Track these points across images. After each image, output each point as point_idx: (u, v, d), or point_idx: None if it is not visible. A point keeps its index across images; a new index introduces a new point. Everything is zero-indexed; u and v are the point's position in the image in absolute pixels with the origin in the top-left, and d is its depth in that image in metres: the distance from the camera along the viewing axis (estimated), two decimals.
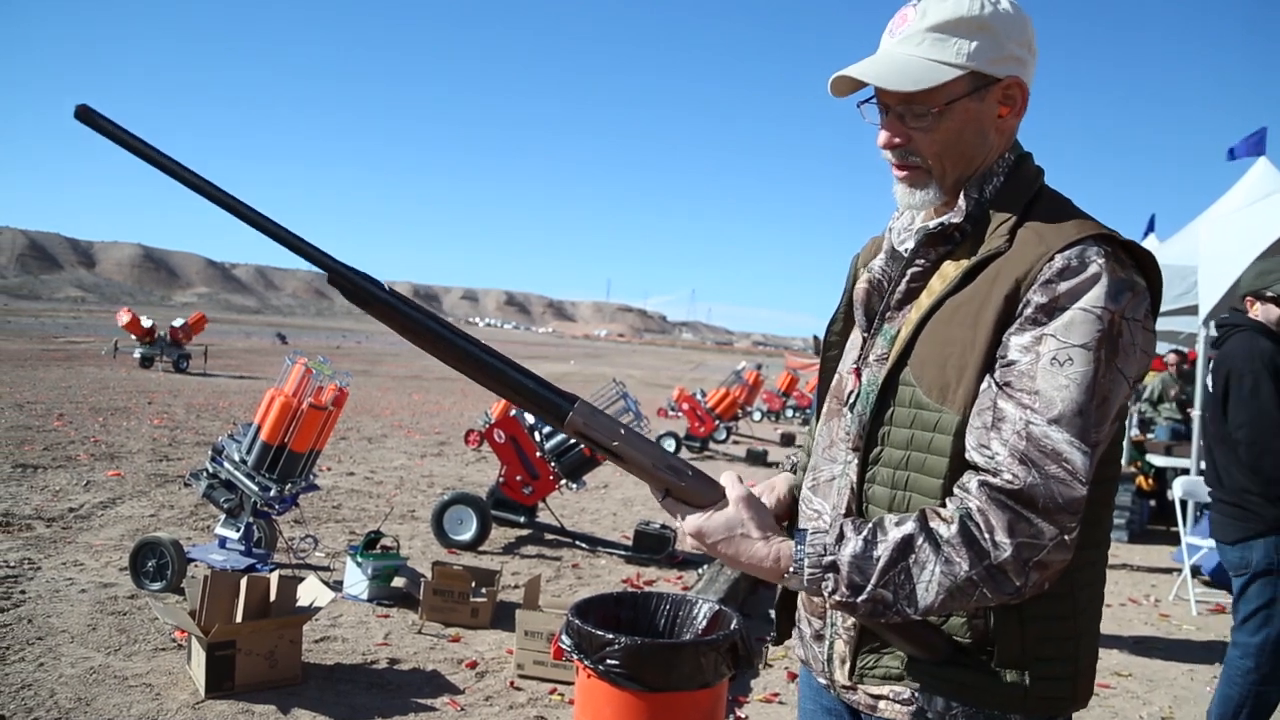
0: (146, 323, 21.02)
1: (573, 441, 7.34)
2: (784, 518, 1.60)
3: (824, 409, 1.56)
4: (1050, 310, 1.24)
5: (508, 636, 4.68)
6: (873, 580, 1.23)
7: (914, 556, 1.22)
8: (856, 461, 1.40)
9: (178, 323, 21.71)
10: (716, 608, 2.36)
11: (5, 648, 4.11)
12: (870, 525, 1.26)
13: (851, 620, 1.39)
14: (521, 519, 7.10)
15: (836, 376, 1.55)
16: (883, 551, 1.23)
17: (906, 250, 1.47)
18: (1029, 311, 1.25)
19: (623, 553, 6.84)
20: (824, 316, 1.67)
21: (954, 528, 1.22)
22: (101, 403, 13.41)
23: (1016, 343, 1.26)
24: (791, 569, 1.28)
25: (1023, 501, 1.20)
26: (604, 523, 8.04)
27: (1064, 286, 1.24)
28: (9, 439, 9.49)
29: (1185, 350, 10.97)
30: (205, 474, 5.36)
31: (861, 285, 1.52)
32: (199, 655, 3.83)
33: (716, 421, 14.55)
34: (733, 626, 2.30)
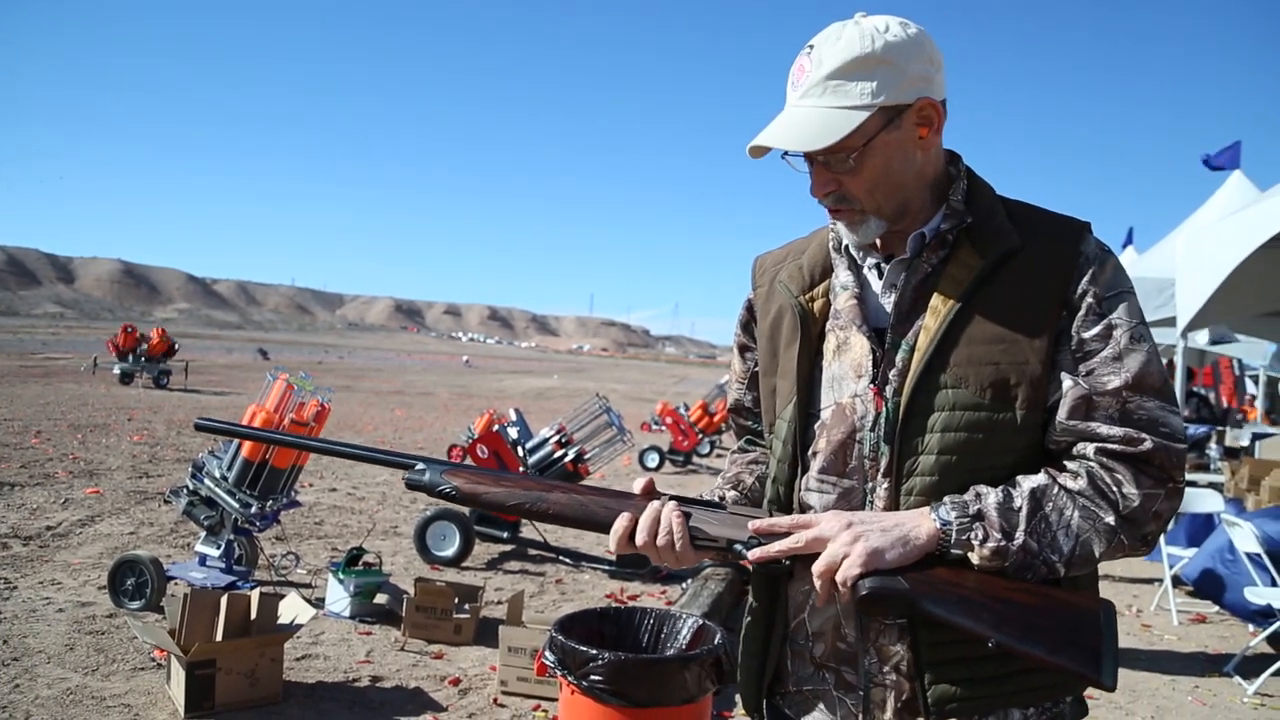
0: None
1: (556, 456, 7.32)
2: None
3: (817, 449, 1.43)
4: (1105, 299, 1.32)
5: (491, 653, 4.65)
6: (1021, 527, 1.26)
7: (1051, 504, 1.28)
8: (888, 485, 1.35)
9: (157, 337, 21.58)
10: (700, 622, 2.36)
11: None
12: (1001, 486, 1.30)
13: (893, 663, 1.36)
14: (505, 535, 7.07)
15: (833, 409, 1.42)
16: (1022, 501, 1.28)
17: (870, 264, 1.45)
18: (1090, 302, 1.32)
19: (606, 568, 6.83)
20: None
21: (1083, 481, 1.29)
22: (80, 419, 13.30)
23: (1091, 334, 1.32)
24: (938, 524, 1.28)
25: (1142, 459, 1.29)
26: (587, 537, 8.00)
27: (1105, 276, 1.33)
28: None
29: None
30: (185, 491, 5.32)
31: (850, 303, 1.43)
32: (178, 675, 3.79)
33: (700, 435, 14.55)
34: (716, 641, 2.30)
